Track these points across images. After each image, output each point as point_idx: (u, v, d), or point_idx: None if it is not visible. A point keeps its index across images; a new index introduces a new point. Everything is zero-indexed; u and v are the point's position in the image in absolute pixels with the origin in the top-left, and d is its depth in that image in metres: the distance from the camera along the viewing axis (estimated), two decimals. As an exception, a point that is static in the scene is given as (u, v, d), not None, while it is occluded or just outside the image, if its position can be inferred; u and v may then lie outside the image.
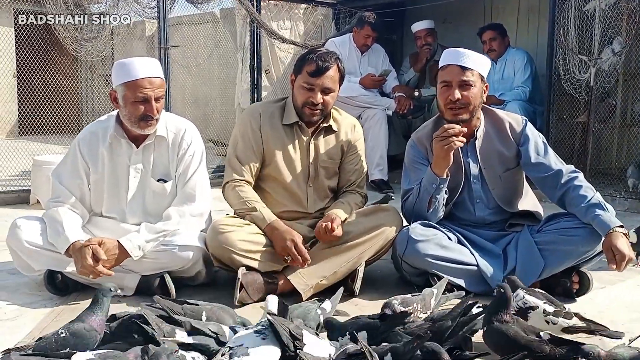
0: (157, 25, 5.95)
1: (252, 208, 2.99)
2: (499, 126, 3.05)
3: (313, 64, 2.98)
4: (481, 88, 2.96)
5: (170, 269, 2.92)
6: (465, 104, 2.92)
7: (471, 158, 3.05)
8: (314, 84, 2.99)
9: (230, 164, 3.11)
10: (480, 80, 2.95)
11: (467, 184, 3.06)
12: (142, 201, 3.05)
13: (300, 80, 3.03)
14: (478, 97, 2.95)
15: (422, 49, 6.47)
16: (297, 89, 3.04)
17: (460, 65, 2.91)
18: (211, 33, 8.39)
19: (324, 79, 2.98)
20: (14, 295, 2.92)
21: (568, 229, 2.90)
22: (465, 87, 2.91)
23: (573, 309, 2.76)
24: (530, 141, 2.99)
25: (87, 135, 3.04)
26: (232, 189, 3.05)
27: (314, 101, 2.99)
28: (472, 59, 2.93)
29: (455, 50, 2.98)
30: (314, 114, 3.03)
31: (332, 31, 7.06)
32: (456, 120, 2.93)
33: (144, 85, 2.84)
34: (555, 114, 5.55)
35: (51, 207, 2.95)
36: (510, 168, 3.05)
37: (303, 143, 3.12)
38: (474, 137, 3.03)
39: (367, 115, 6.08)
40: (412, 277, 3.00)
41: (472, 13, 7.32)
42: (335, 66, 3.02)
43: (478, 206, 3.08)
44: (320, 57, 2.99)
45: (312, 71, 2.98)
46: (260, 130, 3.08)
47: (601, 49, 5.15)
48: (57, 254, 2.84)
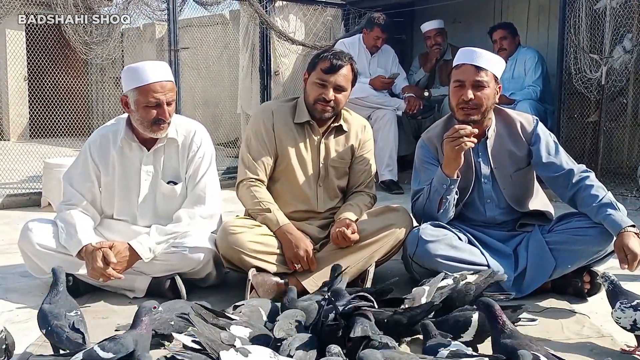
0: (167, 27, 5.96)
1: (266, 209, 2.99)
2: (510, 126, 3.04)
3: (327, 61, 3.01)
4: (494, 89, 2.95)
5: (181, 270, 2.93)
6: (478, 105, 2.90)
7: (482, 158, 3.04)
8: (327, 81, 3.01)
9: (244, 163, 3.11)
10: (494, 81, 2.94)
11: (477, 183, 3.05)
12: (152, 203, 3.06)
13: (313, 77, 3.05)
14: (491, 98, 2.93)
15: (431, 49, 6.46)
16: (310, 85, 3.07)
17: (475, 65, 2.90)
18: (221, 35, 8.40)
19: (337, 76, 3.01)
20: (25, 298, 2.94)
21: (579, 228, 2.87)
22: (479, 88, 2.89)
23: (584, 309, 2.77)
24: (541, 141, 2.98)
25: (98, 139, 3.05)
26: (247, 188, 3.06)
27: (326, 97, 3.01)
28: (487, 59, 2.92)
29: (471, 50, 2.96)
30: (326, 111, 3.05)
31: (341, 32, 7.06)
32: (467, 120, 2.91)
33: (156, 89, 2.85)
34: (566, 113, 5.52)
35: (63, 210, 2.97)
36: (521, 168, 3.03)
37: (314, 142, 3.13)
38: (485, 137, 3.02)
39: (377, 115, 6.07)
40: (423, 277, 2.98)
41: (482, 12, 7.30)
42: (348, 65, 3.04)
43: (488, 206, 3.07)
44: (335, 55, 3.03)
45: (326, 68, 3.00)
46: (273, 128, 3.10)
47: (612, 47, 5.12)
48: (69, 257, 2.85)
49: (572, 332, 2.52)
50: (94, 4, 5.68)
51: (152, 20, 6.80)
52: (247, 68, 6.85)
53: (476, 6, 7.13)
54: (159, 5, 5.90)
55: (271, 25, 6.38)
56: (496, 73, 2.94)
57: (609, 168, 5.78)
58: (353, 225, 2.91)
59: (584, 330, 2.53)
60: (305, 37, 6.96)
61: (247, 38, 6.82)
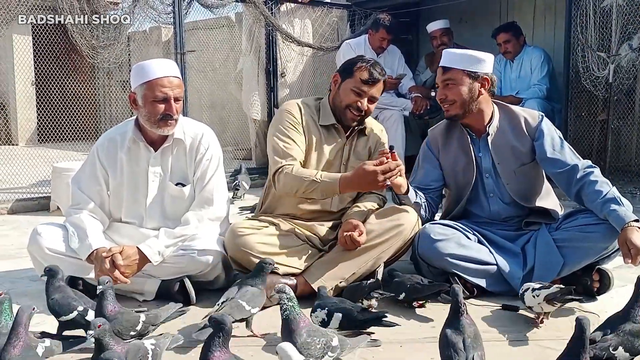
0: (173, 30, 5.98)
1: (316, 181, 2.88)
2: (513, 121, 3.06)
3: (367, 72, 3.05)
4: (471, 84, 2.98)
5: (190, 273, 2.93)
6: (452, 101, 3.00)
7: (483, 153, 3.07)
8: (364, 91, 3.06)
9: (277, 152, 3.01)
10: (468, 77, 2.98)
11: (480, 178, 3.09)
12: (160, 205, 3.07)
13: (350, 83, 3.07)
14: (466, 93, 2.98)
15: (438, 49, 6.43)
16: (345, 91, 3.08)
17: (442, 67, 3.04)
18: (227, 37, 8.42)
19: (374, 88, 3.08)
20: (35, 302, 2.92)
21: (586, 225, 2.87)
22: (447, 87, 3.01)
23: (594, 307, 2.76)
24: (545, 136, 2.99)
25: (105, 142, 3.06)
26: (285, 173, 2.93)
27: (361, 107, 3.06)
28: (453, 58, 3.01)
29: (447, 51, 3.10)
30: (355, 119, 3.10)
31: (347, 33, 7.06)
32: (449, 117, 3.06)
33: (164, 84, 2.86)
34: (574, 111, 5.51)
35: (72, 214, 2.98)
36: (525, 163, 3.04)
37: (338, 145, 3.15)
38: (487, 133, 3.05)
39: (384, 116, 6.08)
40: (432, 277, 2.98)
41: (488, 12, 7.29)
42: (384, 79, 3.12)
43: (492, 200, 3.08)
44: (375, 66, 3.08)
45: (367, 79, 3.05)
46: (302, 121, 3.11)
47: (619, 45, 5.10)
48: (78, 260, 2.86)
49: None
50: (100, 8, 5.70)
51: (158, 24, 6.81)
52: (252, 70, 6.85)
53: (482, 5, 7.12)
54: (164, 8, 5.91)
55: (277, 27, 6.39)
56: (469, 69, 2.98)
57: (617, 166, 5.75)
58: (361, 227, 2.91)
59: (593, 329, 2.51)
60: (311, 38, 6.97)
61: (251, 40, 6.83)
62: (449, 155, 3.13)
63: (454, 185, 3.16)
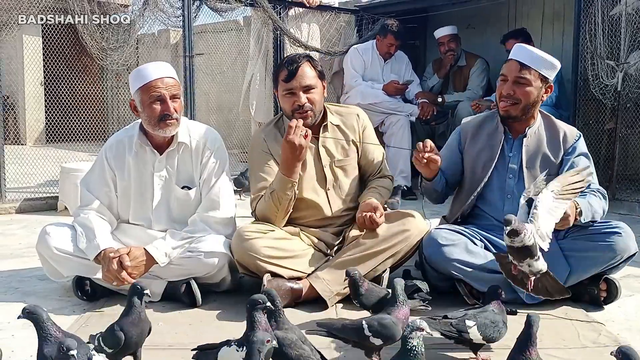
0: (182, 33, 6.00)
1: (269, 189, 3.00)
2: (553, 131, 3.06)
3: (284, 69, 3.05)
4: (540, 88, 2.96)
5: (196, 275, 2.94)
6: (517, 101, 2.95)
7: (514, 153, 3.05)
8: (292, 87, 3.03)
9: (256, 185, 3.11)
10: (540, 80, 2.95)
11: (501, 177, 3.06)
12: (167, 208, 3.09)
13: (280, 90, 3.09)
14: (534, 96, 2.96)
15: (445, 55, 6.44)
16: (281, 99, 3.10)
17: (520, 62, 2.95)
18: (235, 41, 8.44)
19: (299, 78, 3.02)
20: (43, 301, 2.96)
21: (593, 235, 2.87)
22: (520, 85, 2.94)
23: (601, 317, 2.75)
24: (576, 153, 3.00)
25: (114, 144, 3.08)
26: (259, 200, 3.06)
27: (299, 103, 3.02)
28: (534, 57, 2.95)
29: (523, 47, 3.02)
30: (307, 116, 3.04)
31: (354, 38, 7.07)
32: (506, 116, 2.99)
33: (157, 85, 2.89)
34: (582, 119, 5.49)
35: (80, 215, 3.00)
36: (551, 174, 3.02)
37: (312, 149, 3.13)
38: (524, 135, 3.04)
39: (391, 121, 6.08)
40: (438, 282, 2.98)
41: (496, 18, 7.28)
42: (306, 63, 3.06)
43: (508, 202, 3.04)
44: (288, 60, 3.07)
45: (285, 76, 3.03)
46: (270, 152, 3.12)
47: (628, 53, 5.09)
48: (86, 260, 2.88)
49: (589, 340, 2.50)
50: (110, 10, 5.73)
51: (166, 27, 6.84)
52: (260, 75, 6.85)
53: (490, 12, 7.11)
54: (174, 11, 5.94)
55: (285, 31, 6.41)
56: (544, 73, 2.95)
57: (625, 175, 5.72)
58: (380, 208, 2.93)
59: (600, 339, 2.51)
60: (319, 42, 6.97)
61: (259, 44, 6.84)
62: (474, 148, 3.12)
63: (469, 179, 3.13)
